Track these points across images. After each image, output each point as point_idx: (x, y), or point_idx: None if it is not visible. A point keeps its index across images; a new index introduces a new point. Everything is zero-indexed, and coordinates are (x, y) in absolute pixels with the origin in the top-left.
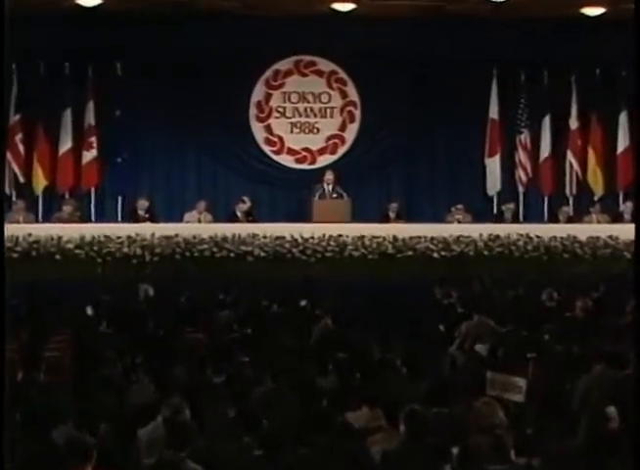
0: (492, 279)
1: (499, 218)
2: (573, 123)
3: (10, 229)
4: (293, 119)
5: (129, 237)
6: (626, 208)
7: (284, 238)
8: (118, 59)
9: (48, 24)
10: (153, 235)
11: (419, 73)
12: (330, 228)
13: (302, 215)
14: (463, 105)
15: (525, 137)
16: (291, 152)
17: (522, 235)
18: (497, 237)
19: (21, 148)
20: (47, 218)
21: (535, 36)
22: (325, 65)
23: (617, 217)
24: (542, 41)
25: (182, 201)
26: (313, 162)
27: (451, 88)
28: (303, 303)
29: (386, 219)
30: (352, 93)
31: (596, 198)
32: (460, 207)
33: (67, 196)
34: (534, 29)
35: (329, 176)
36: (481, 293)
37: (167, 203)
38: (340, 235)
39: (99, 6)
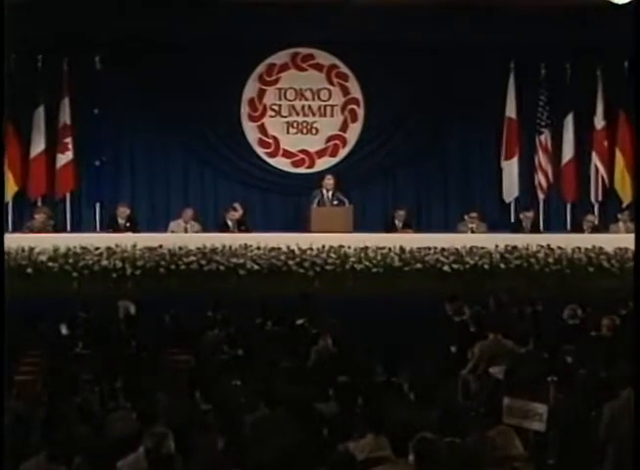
0: (509, 295)
1: (517, 228)
2: (599, 122)
3: None
4: (289, 119)
5: (108, 248)
6: None
7: (279, 249)
8: (97, 51)
9: (17, 12)
10: (134, 246)
11: (428, 68)
12: (330, 238)
13: (300, 224)
14: (477, 102)
15: (545, 138)
16: (287, 154)
17: (542, 246)
18: (515, 248)
19: None
20: (17, 228)
21: (557, 27)
22: (324, 58)
23: None
24: (564, 32)
25: (167, 208)
26: (311, 165)
27: (464, 84)
28: (301, 321)
29: (391, 229)
30: (355, 89)
31: (624, 205)
32: (474, 215)
33: (39, 203)
34: (556, 19)
35: (329, 181)
36: (497, 310)
37: (151, 210)
38: (341, 246)
39: None
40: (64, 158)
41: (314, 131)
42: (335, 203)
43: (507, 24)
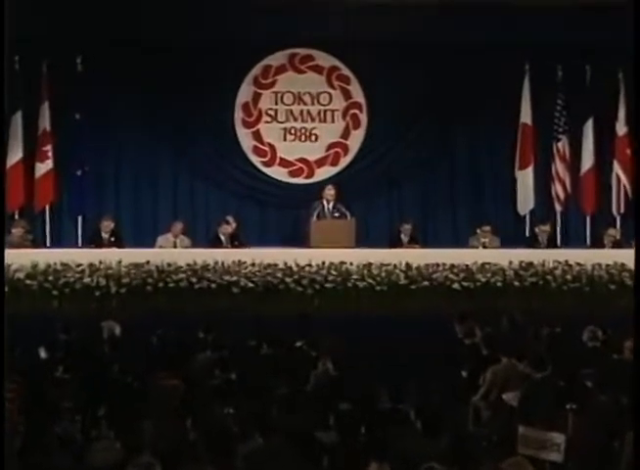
0: (524, 315)
1: (532, 242)
2: (621, 129)
3: None
4: (286, 124)
5: (91, 265)
6: None
7: (276, 266)
8: (78, 52)
9: None
10: (119, 262)
11: (437, 70)
12: (330, 254)
13: (298, 239)
14: (489, 107)
15: (563, 145)
16: (284, 163)
17: (559, 262)
18: (530, 265)
19: None
20: None
21: (575, 25)
22: (324, 59)
23: None
24: (583, 31)
25: (154, 222)
26: (311, 175)
27: (475, 87)
28: (299, 343)
29: (397, 244)
30: (357, 93)
31: None
32: (486, 228)
33: (16, 216)
34: (574, 18)
35: (329, 192)
36: (511, 331)
37: (137, 224)
38: (342, 262)
39: None
40: (43, 167)
41: (313, 138)
42: (336, 215)
43: (521, 23)
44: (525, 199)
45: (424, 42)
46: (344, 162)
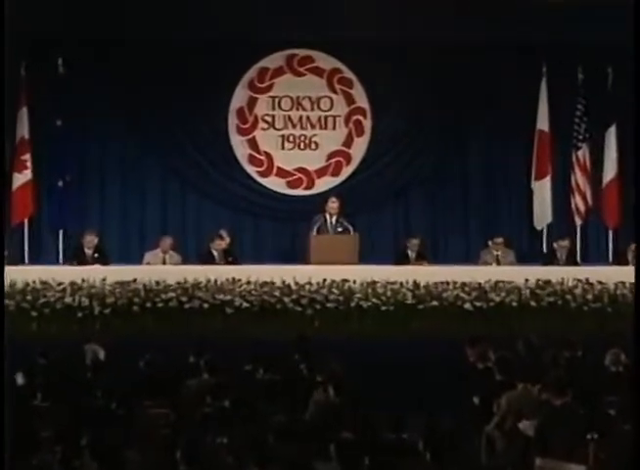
0: (541, 337)
1: (550, 259)
2: None
3: None
4: (284, 132)
5: (73, 283)
6: None
7: (273, 284)
8: (59, 52)
9: None
10: (104, 281)
11: (446, 73)
12: (332, 271)
13: (297, 255)
14: (503, 112)
15: (583, 154)
16: (281, 173)
17: (579, 280)
18: (548, 283)
19: None
20: None
21: (596, 24)
22: (325, 61)
23: None
24: (606, 29)
25: (142, 236)
26: (310, 186)
27: (488, 91)
28: (298, 367)
29: (404, 260)
30: (360, 97)
31: None
32: (498, 240)
33: None
34: (594, 15)
35: (331, 205)
36: (527, 355)
37: (123, 239)
38: (345, 280)
39: None
40: (21, 177)
41: (313, 146)
42: (338, 230)
43: (538, 21)
44: (543, 212)
45: (432, 42)
46: (347, 172)
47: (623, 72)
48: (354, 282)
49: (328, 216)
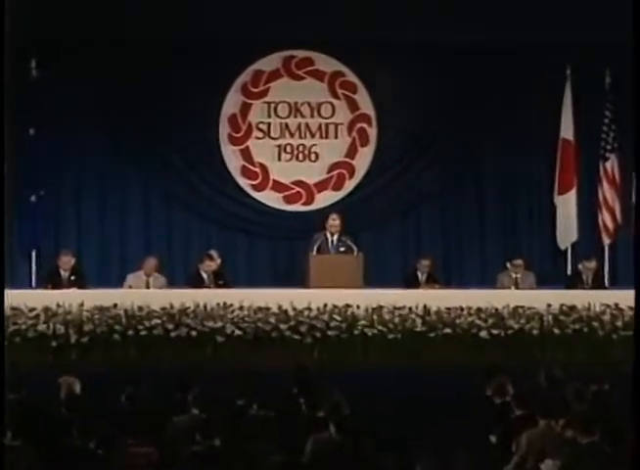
0: (565, 369)
1: (575, 282)
2: None
3: None
4: (280, 141)
5: (47, 309)
6: None
7: (268, 310)
8: (32, 53)
9: None
10: (81, 306)
11: (460, 76)
12: (334, 296)
13: (295, 277)
14: (523, 120)
15: (611, 165)
16: (278, 187)
17: (607, 306)
18: (572, 308)
19: None
20: None
21: (626, 20)
22: (326, 63)
23: None
24: (636, 27)
25: (123, 257)
26: (310, 201)
27: (506, 96)
28: (296, 402)
29: (413, 283)
30: (365, 103)
31: None
32: (517, 262)
33: None
34: (625, 11)
35: (332, 222)
36: (550, 388)
37: (102, 260)
38: (347, 305)
39: None
40: None
41: (313, 157)
42: (340, 250)
43: (561, 18)
44: (567, 230)
45: (444, 42)
46: (350, 185)
47: None
48: (358, 307)
49: (329, 235)
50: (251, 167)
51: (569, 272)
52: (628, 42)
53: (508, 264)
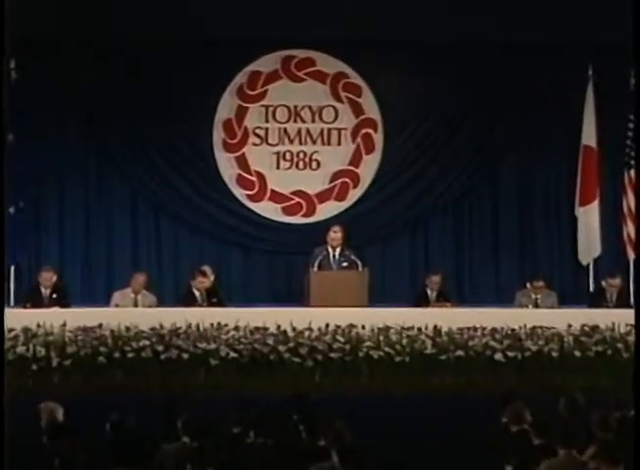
0: (587, 394)
1: (598, 300)
2: None
3: None
4: (279, 148)
5: (26, 330)
6: None
7: (266, 330)
8: (11, 53)
9: None
10: (63, 326)
11: (473, 77)
12: (336, 315)
13: (294, 295)
14: (542, 125)
15: (637, 174)
16: (276, 197)
17: (633, 326)
18: (595, 329)
19: None
20: None
21: None
22: (328, 63)
23: None
24: None
25: (109, 273)
26: (311, 212)
27: (523, 100)
28: (295, 430)
29: (422, 301)
30: (370, 107)
31: None
32: (539, 284)
33: None
34: None
35: (335, 235)
36: (570, 415)
37: (86, 276)
38: (351, 325)
39: None
40: None
41: (314, 165)
42: (343, 265)
43: (582, 15)
44: (589, 244)
45: (458, 42)
46: (354, 195)
47: None
48: (363, 328)
49: (331, 249)
50: (248, 176)
51: (591, 290)
52: None
53: (528, 285)
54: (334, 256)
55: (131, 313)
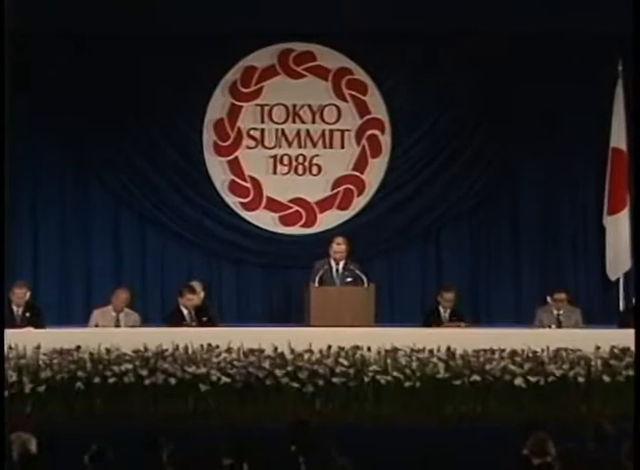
0: (617, 424)
1: (628, 319)
2: None
3: None
4: (276, 151)
5: None
6: None
7: (261, 352)
8: None
9: None
10: (37, 348)
11: (490, 72)
12: (339, 335)
13: (292, 313)
14: (566, 125)
15: None
16: (272, 205)
17: None
18: (626, 351)
19: None
20: None
21: None
22: (330, 57)
23: None
24: None
25: (88, 289)
26: (311, 222)
27: (547, 97)
28: (294, 462)
29: (434, 320)
30: (376, 106)
31: None
32: (560, 296)
33: None
34: None
35: (338, 247)
36: (598, 447)
37: (63, 293)
38: (356, 347)
39: None
40: None
41: (315, 170)
42: (347, 280)
43: (610, 5)
44: (618, 257)
45: (472, 33)
46: (359, 204)
47: None
48: (369, 350)
49: (333, 263)
50: (241, 182)
51: (621, 308)
52: None
53: (549, 299)
54: (337, 270)
55: (112, 334)
